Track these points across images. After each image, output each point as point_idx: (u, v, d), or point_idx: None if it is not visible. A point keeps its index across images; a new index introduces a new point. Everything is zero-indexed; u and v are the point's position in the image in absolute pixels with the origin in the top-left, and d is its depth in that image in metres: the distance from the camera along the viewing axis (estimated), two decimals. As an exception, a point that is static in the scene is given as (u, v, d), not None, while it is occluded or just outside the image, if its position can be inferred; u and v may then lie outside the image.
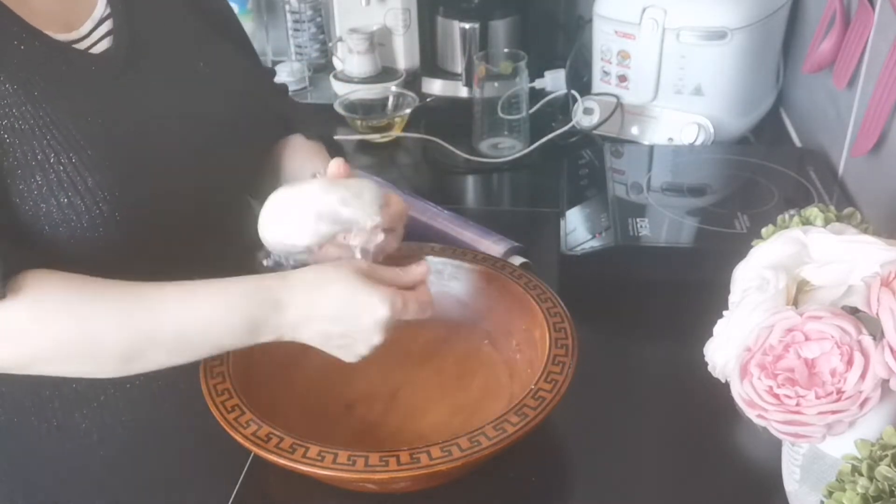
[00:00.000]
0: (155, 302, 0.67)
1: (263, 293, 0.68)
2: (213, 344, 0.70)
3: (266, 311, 0.68)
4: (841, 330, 0.53)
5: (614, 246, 0.97)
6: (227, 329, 0.68)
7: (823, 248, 0.60)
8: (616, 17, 1.27)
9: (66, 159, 0.67)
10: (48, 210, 0.67)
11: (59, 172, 0.67)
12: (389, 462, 0.64)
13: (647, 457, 0.76)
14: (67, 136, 0.68)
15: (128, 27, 0.77)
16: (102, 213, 0.68)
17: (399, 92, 1.45)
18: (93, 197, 0.68)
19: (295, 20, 1.62)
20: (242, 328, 0.68)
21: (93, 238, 0.69)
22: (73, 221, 0.68)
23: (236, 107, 0.82)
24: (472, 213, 1.11)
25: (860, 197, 1.03)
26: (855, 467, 0.51)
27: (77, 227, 0.68)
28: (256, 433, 0.67)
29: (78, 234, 0.68)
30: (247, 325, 0.68)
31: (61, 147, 0.67)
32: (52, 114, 0.68)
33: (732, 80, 1.25)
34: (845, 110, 1.09)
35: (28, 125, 0.67)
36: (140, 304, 0.67)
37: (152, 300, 0.67)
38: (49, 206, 0.67)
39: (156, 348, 0.67)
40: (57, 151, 0.67)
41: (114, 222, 0.69)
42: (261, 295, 0.68)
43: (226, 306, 0.68)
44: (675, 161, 1.21)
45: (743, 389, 0.55)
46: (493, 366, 0.83)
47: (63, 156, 0.67)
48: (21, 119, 0.66)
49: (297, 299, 0.68)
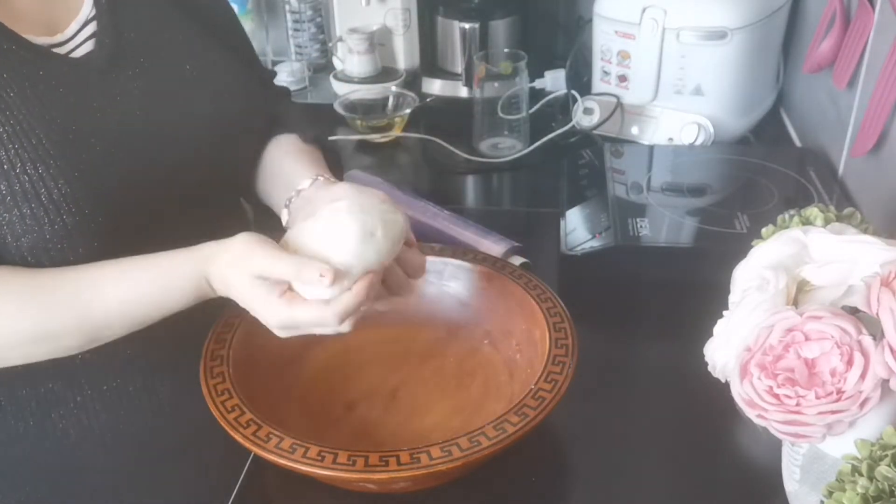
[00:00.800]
0: (97, 281, 0.69)
1: (189, 267, 0.69)
2: (161, 312, 0.71)
3: (197, 283, 0.69)
4: (841, 330, 0.53)
5: (614, 246, 0.97)
6: (168, 300, 0.70)
7: (823, 248, 0.60)
8: (616, 17, 1.27)
9: (31, 169, 0.66)
10: (11, 220, 0.67)
11: (24, 182, 0.66)
12: (389, 462, 0.64)
13: (647, 457, 0.76)
14: (37, 146, 0.67)
15: (113, 29, 0.76)
16: (66, 226, 0.68)
17: (399, 92, 1.45)
18: (57, 209, 0.67)
19: (295, 20, 1.62)
20: (183, 297, 0.70)
21: (57, 249, 0.69)
22: (36, 232, 0.68)
23: (224, 113, 0.80)
24: (472, 213, 1.11)
25: (860, 197, 1.03)
26: (855, 467, 0.51)
27: (40, 239, 0.68)
28: (256, 433, 0.67)
29: (41, 245, 0.68)
30: (186, 294, 0.70)
31: (28, 156, 0.66)
32: (23, 121, 0.67)
33: (732, 80, 1.25)
34: (845, 110, 1.09)
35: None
36: (83, 285, 0.69)
37: (93, 281, 0.69)
38: (12, 216, 0.67)
39: (108, 324, 0.70)
40: (23, 161, 0.66)
41: (78, 234, 0.69)
42: (188, 269, 0.69)
43: (163, 280, 0.69)
44: (675, 161, 1.21)
45: (743, 389, 0.55)
46: (493, 366, 0.83)
47: (29, 165, 0.66)
48: None
49: (215, 281, 0.69)
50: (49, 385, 0.77)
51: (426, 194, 1.12)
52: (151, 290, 0.70)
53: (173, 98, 0.77)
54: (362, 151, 1.38)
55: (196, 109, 0.78)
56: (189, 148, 0.77)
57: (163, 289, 0.70)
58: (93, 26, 0.75)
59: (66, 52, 0.73)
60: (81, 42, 0.74)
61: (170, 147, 0.75)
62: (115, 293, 0.69)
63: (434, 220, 1.05)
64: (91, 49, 0.74)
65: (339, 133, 1.40)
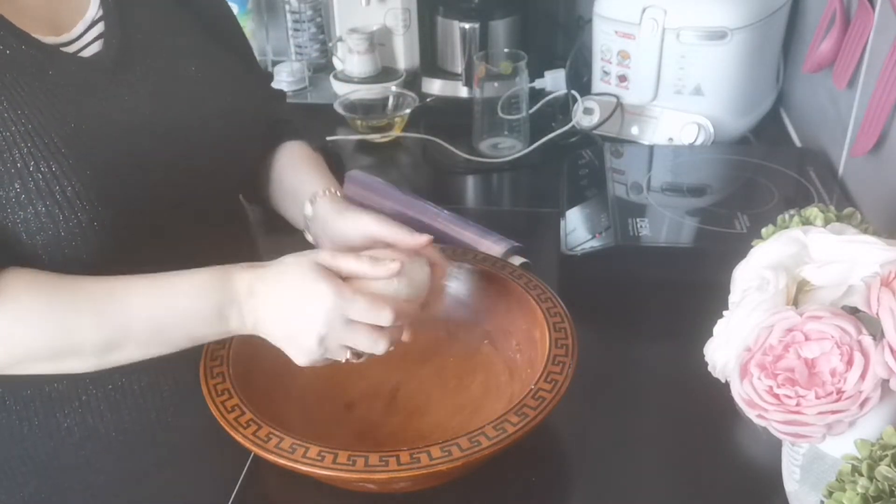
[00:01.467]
0: (126, 294, 0.68)
1: (227, 280, 0.69)
2: (186, 333, 0.70)
3: (232, 297, 0.69)
4: (841, 330, 0.53)
5: (614, 246, 0.97)
6: (197, 317, 0.69)
7: (823, 248, 0.60)
8: (616, 17, 1.27)
9: (45, 167, 0.66)
10: (25, 218, 0.67)
11: (38, 181, 0.66)
12: (389, 462, 0.64)
13: (647, 457, 0.76)
14: (49, 144, 0.67)
15: (120, 30, 0.76)
16: (80, 223, 0.68)
17: (399, 92, 1.45)
18: (71, 206, 0.67)
19: (295, 20, 1.62)
20: (212, 315, 0.69)
21: (71, 247, 0.69)
22: (51, 230, 0.67)
23: (228, 114, 0.81)
24: (472, 213, 1.11)
25: (860, 197, 1.03)
26: (855, 467, 0.51)
27: (54, 236, 0.68)
28: (256, 433, 0.67)
29: (55, 242, 0.68)
30: (215, 311, 0.69)
31: (41, 155, 0.66)
32: (34, 120, 0.67)
33: (732, 80, 1.25)
34: (845, 110, 1.09)
35: (10, 132, 0.66)
36: (112, 298, 0.68)
37: (123, 293, 0.68)
38: (27, 213, 0.67)
39: (131, 340, 0.68)
40: (37, 159, 0.66)
41: (92, 231, 0.69)
42: (226, 282, 0.69)
43: (195, 294, 0.68)
44: (675, 161, 1.21)
45: (743, 389, 0.55)
46: (493, 366, 0.83)
47: (43, 163, 0.66)
48: (2, 125, 0.66)
49: (258, 287, 0.69)
50: (54, 384, 0.77)
51: (426, 194, 1.12)
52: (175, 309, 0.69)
53: (180, 98, 0.77)
54: (362, 151, 1.38)
55: (203, 109, 0.79)
56: (197, 146, 0.77)
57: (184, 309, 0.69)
58: (100, 27, 0.75)
59: (75, 52, 0.74)
60: (89, 42, 0.75)
61: (178, 146, 0.76)
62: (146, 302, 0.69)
63: (434, 220, 1.05)
64: (99, 49, 0.75)
65: (338, 133, 1.40)
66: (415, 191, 1.14)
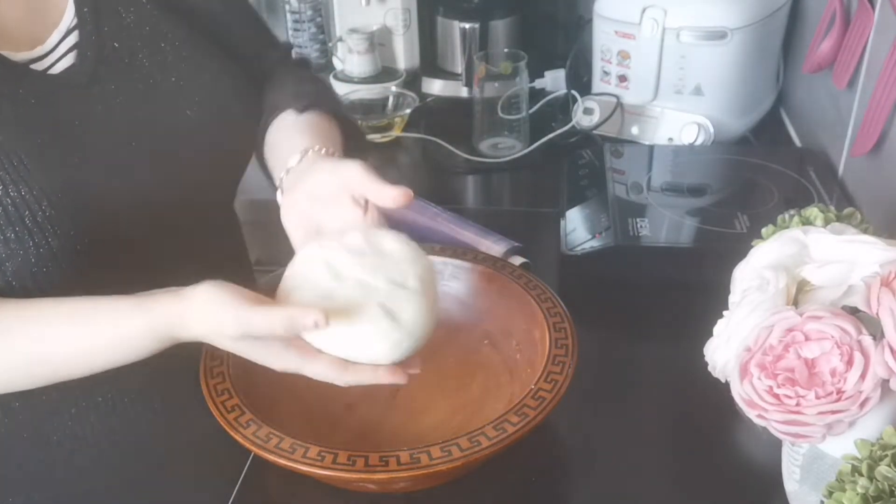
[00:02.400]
0: (50, 325, 0.65)
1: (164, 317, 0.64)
2: (120, 359, 0.66)
3: (171, 330, 0.64)
4: (841, 330, 0.53)
5: (614, 246, 0.97)
6: (130, 350, 0.65)
7: (823, 248, 0.60)
8: (616, 17, 1.27)
9: (14, 192, 0.64)
10: None
11: (7, 206, 0.64)
12: (389, 462, 0.64)
13: (647, 457, 0.76)
14: (18, 167, 0.64)
15: (96, 39, 0.73)
16: (51, 248, 0.66)
17: (399, 92, 1.45)
18: (42, 231, 0.65)
19: (295, 20, 1.62)
20: (148, 347, 0.65)
21: (42, 273, 0.67)
22: (21, 256, 0.65)
23: (212, 125, 0.77)
24: (472, 213, 1.11)
25: (860, 197, 1.03)
26: (855, 467, 0.51)
27: (25, 263, 0.65)
28: (256, 433, 0.67)
29: (26, 268, 0.66)
30: (152, 344, 0.64)
31: (10, 178, 0.64)
32: (4, 143, 0.65)
33: (732, 80, 1.25)
34: (845, 110, 1.09)
35: None
36: (34, 327, 0.65)
37: (46, 324, 0.65)
38: None
39: (60, 367, 0.66)
40: (5, 183, 0.64)
41: (64, 257, 0.66)
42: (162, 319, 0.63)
43: (126, 332, 0.64)
44: (675, 161, 1.21)
45: (743, 389, 0.55)
46: (493, 366, 0.83)
47: (12, 187, 0.64)
48: None
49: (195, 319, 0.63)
50: (42, 397, 0.74)
51: (426, 194, 1.12)
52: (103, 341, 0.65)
53: (159, 112, 0.74)
54: (362, 151, 1.38)
55: (184, 123, 0.75)
56: (177, 163, 0.74)
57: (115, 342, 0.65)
58: (74, 36, 0.73)
59: (46, 67, 0.71)
60: (63, 54, 0.72)
61: (157, 162, 0.73)
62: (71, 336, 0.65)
63: (434, 220, 1.05)
64: (73, 62, 0.72)
65: (338, 133, 1.40)
66: (415, 191, 1.13)
